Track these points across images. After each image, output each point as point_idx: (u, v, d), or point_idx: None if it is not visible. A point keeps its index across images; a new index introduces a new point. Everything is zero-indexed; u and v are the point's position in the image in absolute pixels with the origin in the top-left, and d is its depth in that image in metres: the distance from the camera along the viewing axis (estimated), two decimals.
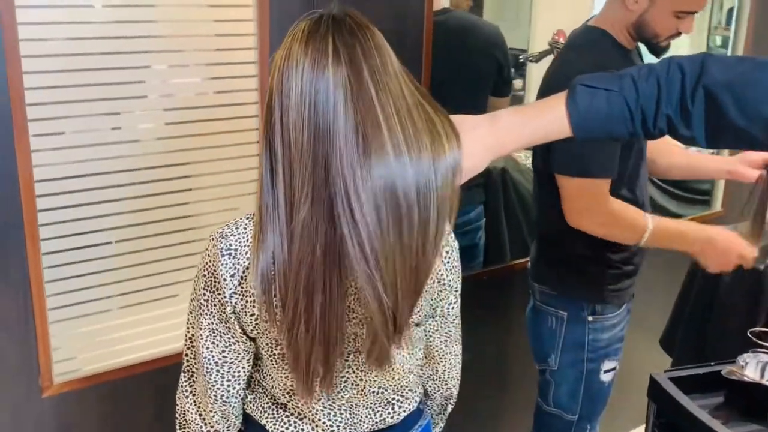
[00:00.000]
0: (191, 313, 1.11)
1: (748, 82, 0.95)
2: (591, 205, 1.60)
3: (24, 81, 1.40)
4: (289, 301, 0.96)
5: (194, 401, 1.15)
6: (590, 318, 1.76)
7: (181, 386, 1.16)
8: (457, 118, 1.03)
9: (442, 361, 1.24)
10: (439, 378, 1.25)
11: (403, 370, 1.15)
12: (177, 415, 1.17)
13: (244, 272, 1.02)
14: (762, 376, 1.52)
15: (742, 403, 1.52)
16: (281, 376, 1.10)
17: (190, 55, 1.59)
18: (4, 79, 1.38)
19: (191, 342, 1.13)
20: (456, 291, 1.18)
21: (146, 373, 1.67)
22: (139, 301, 1.64)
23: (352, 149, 0.92)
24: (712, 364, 1.60)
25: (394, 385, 1.16)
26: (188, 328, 1.13)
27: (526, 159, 2.82)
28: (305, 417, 1.14)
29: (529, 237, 2.60)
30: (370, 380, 1.12)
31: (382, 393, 1.15)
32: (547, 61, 2.28)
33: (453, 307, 1.19)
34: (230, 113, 1.65)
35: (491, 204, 2.42)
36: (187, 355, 1.15)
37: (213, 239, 1.05)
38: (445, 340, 1.22)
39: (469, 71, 2.18)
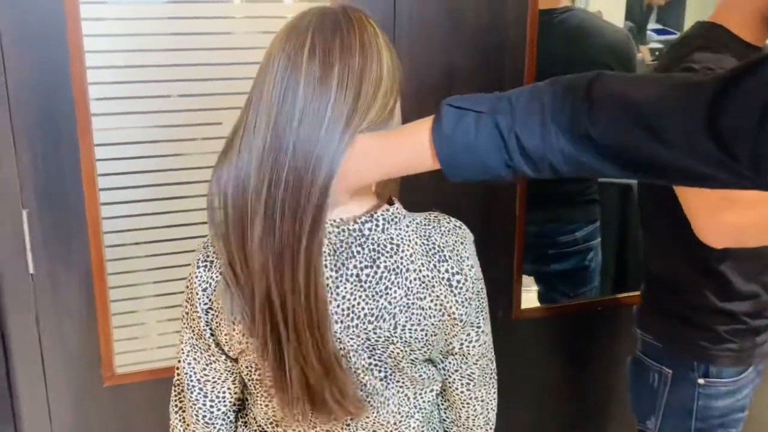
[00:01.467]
0: (181, 324, 1.05)
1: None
2: (721, 201, 1.26)
3: (88, 77, 1.43)
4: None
5: (181, 418, 1.09)
6: (701, 381, 1.44)
7: (171, 401, 1.10)
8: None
9: (464, 407, 1.07)
10: (463, 425, 1.09)
11: (400, 414, 1.01)
12: (170, 431, 1.12)
13: (215, 286, 0.94)
14: None
15: None
16: (262, 404, 1.01)
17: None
18: (67, 76, 1.41)
19: (179, 355, 1.07)
20: (477, 327, 1.01)
21: None
22: None
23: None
24: None
25: (390, 431, 1.01)
26: (179, 340, 1.07)
27: None
28: None
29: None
30: (362, 423, 0.99)
31: None
32: None
33: (474, 346, 1.02)
34: None
35: (611, 225, 2.15)
36: (177, 368, 1.09)
37: (198, 248, 0.99)
38: (467, 383, 1.05)
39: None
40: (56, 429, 1.60)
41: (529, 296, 2.08)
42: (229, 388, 1.04)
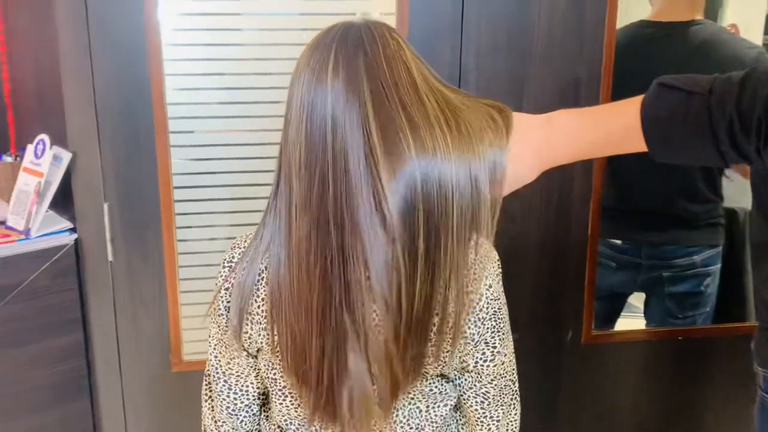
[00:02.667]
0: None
1: None
2: None
3: (165, 81, 1.54)
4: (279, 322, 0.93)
5: (210, 406, 1.14)
6: None
7: (203, 389, 1.17)
8: (514, 116, 0.89)
9: (479, 425, 1.06)
10: None
11: (409, 425, 1.01)
12: (202, 417, 1.18)
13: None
14: None
15: None
16: (277, 402, 1.05)
17: None
18: (147, 81, 1.53)
19: (208, 348, 1.13)
20: (492, 347, 0.99)
21: None
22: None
23: (344, 174, 0.86)
24: None
25: None
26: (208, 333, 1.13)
27: None
28: None
29: None
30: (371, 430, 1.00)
31: None
32: None
33: (488, 365, 1.01)
34: None
35: (733, 252, 2.03)
36: (208, 359, 1.15)
37: (228, 247, 1.04)
38: (482, 402, 1.04)
39: None
40: (128, 407, 1.72)
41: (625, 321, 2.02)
42: (252, 383, 1.08)
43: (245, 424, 1.11)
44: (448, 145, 0.85)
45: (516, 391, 1.05)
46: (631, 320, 2.00)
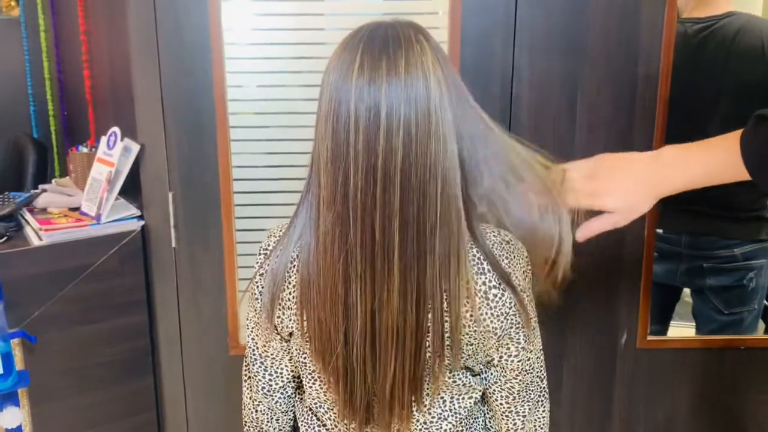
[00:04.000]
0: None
1: None
2: None
3: (227, 80, 1.62)
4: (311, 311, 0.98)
5: (249, 386, 1.20)
6: None
7: (243, 370, 1.23)
8: (596, 158, 1.00)
9: (504, 419, 1.08)
10: None
11: (431, 414, 1.04)
12: (242, 397, 1.24)
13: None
14: None
15: None
16: (308, 386, 1.09)
17: None
18: (210, 78, 1.62)
19: (246, 330, 1.19)
20: (517, 342, 1.01)
21: None
22: None
23: (364, 172, 0.90)
24: None
25: (420, 429, 1.05)
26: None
27: None
28: (332, 430, 1.11)
29: None
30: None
31: None
32: None
33: (512, 360, 1.02)
34: None
35: None
36: (247, 342, 1.21)
37: (264, 236, 1.10)
38: (507, 396, 1.06)
39: (733, 83, 1.81)
40: (188, 386, 1.82)
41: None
42: (286, 365, 1.13)
43: (280, 405, 1.16)
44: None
45: (544, 388, 1.06)
46: (682, 329, 1.95)
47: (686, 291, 2.05)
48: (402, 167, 0.89)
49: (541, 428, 1.08)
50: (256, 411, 1.18)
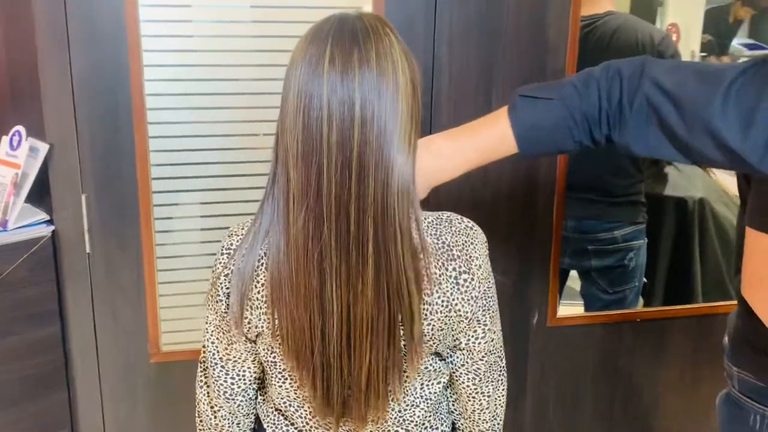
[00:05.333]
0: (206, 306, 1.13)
1: (688, 89, 0.88)
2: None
3: (144, 73, 1.55)
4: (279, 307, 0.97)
5: (207, 393, 1.17)
6: None
7: (198, 377, 1.19)
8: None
9: (470, 400, 1.11)
10: (470, 418, 1.13)
11: (405, 402, 1.06)
12: (196, 404, 1.20)
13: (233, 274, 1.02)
14: None
15: None
16: (276, 385, 1.08)
17: None
18: (126, 71, 1.53)
19: (204, 334, 1.15)
20: (483, 324, 1.05)
21: None
22: None
23: (339, 165, 0.90)
24: None
25: (395, 417, 1.07)
26: (204, 320, 1.15)
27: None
28: (302, 431, 1.10)
29: (729, 279, 2.26)
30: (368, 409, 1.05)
31: (383, 424, 1.06)
32: None
33: (480, 342, 1.06)
34: None
35: (684, 237, 2.17)
36: (203, 346, 1.17)
37: (224, 236, 1.06)
38: (473, 378, 1.09)
39: None
40: (106, 398, 1.72)
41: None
42: (249, 367, 1.11)
43: (242, 408, 1.14)
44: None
45: (503, 366, 1.11)
46: (571, 308, 2.09)
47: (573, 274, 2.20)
48: (376, 159, 0.90)
49: (501, 406, 1.13)
50: (216, 417, 1.15)
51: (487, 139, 0.98)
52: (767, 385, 1.36)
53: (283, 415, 1.12)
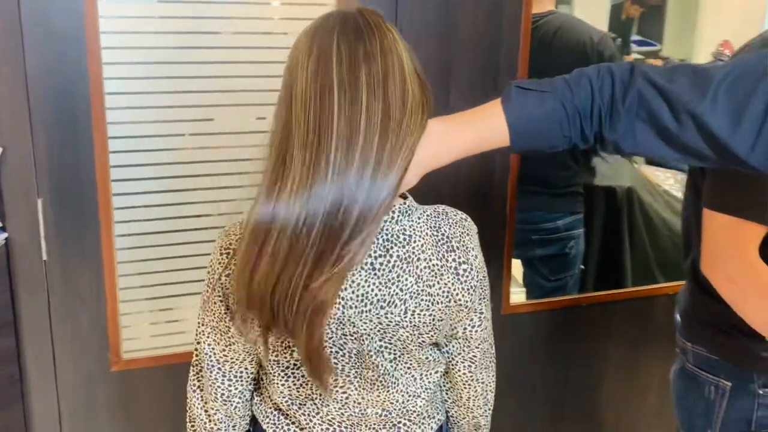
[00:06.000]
0: (200, 308, 1.11)
1: (679, 86, 0.92)
2: (730, 252, 1.29)
3: (104, 72, 1.49)
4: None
5: (201, 397, 1.15)
6: (761, 391, 1.45)
7: (190, 380, 1.16)
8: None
9: (466, 388, 1.14)
10: (464, 405, 1.16)
11: (407, 393, 1.08)
12: (187, 409, 1.18)
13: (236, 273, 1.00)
14: None
15: None
16: (279, 383, 1.07)
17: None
18: (84, 71, 1.47)
19: (198, 338, 1.13)
20: (480, 313, 1.08)
21: None
22: None
23: (341, 156, 0.90)
24: None
25: (398, 409, 1.09)
26: (198, 323, 1.13)
27: (664, 180, 2.60)
28: (305, 428, 1.10)
29: (656, 265, 2.39)
30: (371, 399, 1.06)
31: (386, 415, 1.08)
32: None
33: (476, 330, 1.10)
34: None
35: (614, 225, 2.28)
36: (196, 350, 1.15)
37: (219, 236, 1.05)
38: (469, 366, 1.13)
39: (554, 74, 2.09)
40: (64, 411, 1.65)
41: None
42: (246, 368, 1.10)
43: (239, 410, 1.13)
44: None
45: (494, 353, 1.15)
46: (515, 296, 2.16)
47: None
48: (379, 150, 0.91)
49: (492, 392, 1.17)
50: (211, 420, 1.13)
51: (481, 128, 0.99)
52: (720, 357, 1.47)
53: (284, 414, 1.12)
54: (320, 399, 1.06)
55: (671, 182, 2.63)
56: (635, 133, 0.94)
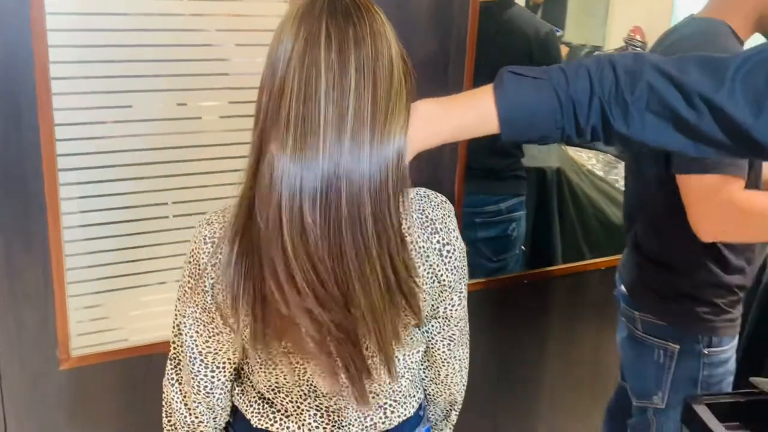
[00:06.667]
0: (179, 300, 1.08)
1: (693, 75, 0.89)
2: (721, 206, 1.34)
3: (50, 55, 1.41)
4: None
5: (180, 390, 1.12)
6: (705, 351, 1.56)
7: (168, 374, 1.14)
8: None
9: (444, 365, 1.17)
10: (442, 382, 1.19)
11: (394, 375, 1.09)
12: (163, 404, 1.15)
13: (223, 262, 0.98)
14: None
15: None
16: (266, 372, 1.06)
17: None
18: (29, 53, 1.39)
19: (178, 330, 1.10)
20: (460, 292, 1.11)
21: (165, 353, 1.66)
22: (159, 280, 1.63)
23: (334, 140, 0.89)
24: (755, 391, 1.46)
25: (386, 390, 1.10)
26: (176, 315, 1.10)
27: (587, 160, 2.71)
28: (291, 415, 1.10)
29: (584, 242, 2.49)
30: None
31: (374, 397, 1.09)
32: None
33: (456, 309, 1.13)
34: None
35: (545, 205, 2.35)
36: (174, 342, 1.12)
37: (199, 225, 1.03)
38: (449, 344, 1.16)
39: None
40: (9, 412, 1.57)
41: None
42: (229, 359, 1.08)
43: (221, 401, 1.12)
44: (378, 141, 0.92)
45: (468, 330, 1.18)
46: None
47: None
48: (371, 134, 0.91)
49: (467, 368, 1.21)
50: (192, 414, 1.12)
51: (470, 114, 0.97)
52: (667, 323, 1.58)
53: (269, 402, 1.11)
54: (308, 385, 1.06)
55: (593, 162, 2.75)
56: (645, 125, 0.92)
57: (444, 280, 1.06)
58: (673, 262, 1.57)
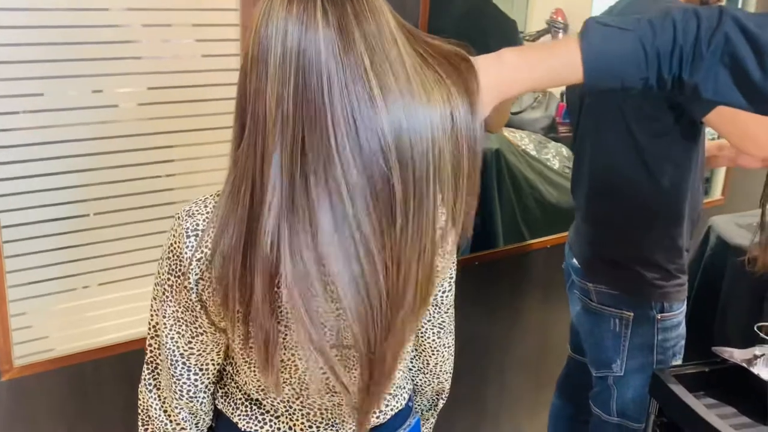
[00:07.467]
0: (155, 299, 1.00)
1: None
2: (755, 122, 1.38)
3: None
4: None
5: (158, 396, 1.04)
6: (658, 316, 1.61)
7: (144, 379, 1.05)
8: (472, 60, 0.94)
9: (434, 354, 1.15)
10: (431, 372, 1.17)
11: None
12: (139, 411, 1.07)
13: (210, 256, 0.91)
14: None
15: (750, 403, 1.44)
16: (254, 371, 1.00)
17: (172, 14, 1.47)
18: None
19: (155, 331, 1.02)
20: (450, 278, 1.09)
21: (117, 356, 1.56)
22: (109, 279, 1.53)
23: (345, 130, 0.81)
24: (718, 360, 1.52)
25: None
26: (152, 315, 1.02)
27: (521, 140, 2.74)
28: (281, 415, 1.04)
29: (523, 224, 2.51)
30: (354, 378, 1.02)
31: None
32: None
33: (447, 296, 1.10)
34: (215, 79, 1.53)
35: (485, 186, 2.33)
36: (150, 345, 1.04)
37: (179, 218, 0.94)
38: (438, 332, 1.13)
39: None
40: None
41: None
42: (212, 360, 1.01)
43: (204, 406, 1.05)
44: (427, 99, 0.86)
45: (453, 318, 1.16)
46: None
47: None
48: (396, 110, 0.83)
49: (453, 355, 1.19)
50: (173, 421, 1.05)
51: (555, 63, 0.94)
52: (621, 291, 1.62)
53: (257, 404, 1.05)
54: (299, 383, 1.01)
55: (526, 142, 2.78)
56: (717, 78, 0.90)
57: (437, 266, 1.03)
58: (627, 227, 1.61)
